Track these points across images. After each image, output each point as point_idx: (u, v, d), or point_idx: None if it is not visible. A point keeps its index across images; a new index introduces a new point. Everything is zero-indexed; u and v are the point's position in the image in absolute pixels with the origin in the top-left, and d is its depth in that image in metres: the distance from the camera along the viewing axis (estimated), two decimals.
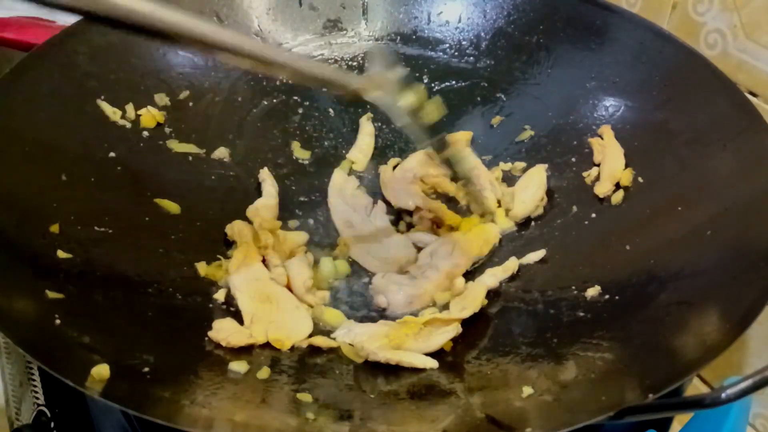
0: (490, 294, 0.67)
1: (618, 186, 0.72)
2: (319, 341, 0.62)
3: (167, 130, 0.77)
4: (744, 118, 0.67)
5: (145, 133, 0.75)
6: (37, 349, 0.49)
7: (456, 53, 0.86)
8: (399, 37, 0.88)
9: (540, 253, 0.70)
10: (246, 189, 0.77)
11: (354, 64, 0.87)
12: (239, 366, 0.57)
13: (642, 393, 0.48)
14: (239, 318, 0.62)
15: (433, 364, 0.59)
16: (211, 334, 0.59)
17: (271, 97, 0.84)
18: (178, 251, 0.67)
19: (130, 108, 0.75)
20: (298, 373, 0.58)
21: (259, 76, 0.84)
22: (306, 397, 0.54)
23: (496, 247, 0.73)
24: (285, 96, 0.84)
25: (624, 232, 0.68)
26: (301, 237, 0.73)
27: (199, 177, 0.75)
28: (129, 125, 0.74)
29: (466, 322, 0.63)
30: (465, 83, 0.86)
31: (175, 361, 0.55)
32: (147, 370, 0.52)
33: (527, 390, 0.54)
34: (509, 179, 0.79)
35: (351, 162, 0.82)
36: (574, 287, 0.65)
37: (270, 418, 0.53)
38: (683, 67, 0.74)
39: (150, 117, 0.76)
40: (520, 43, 0.84)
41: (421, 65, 0.87)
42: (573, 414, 0.50)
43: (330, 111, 0.85)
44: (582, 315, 0.62)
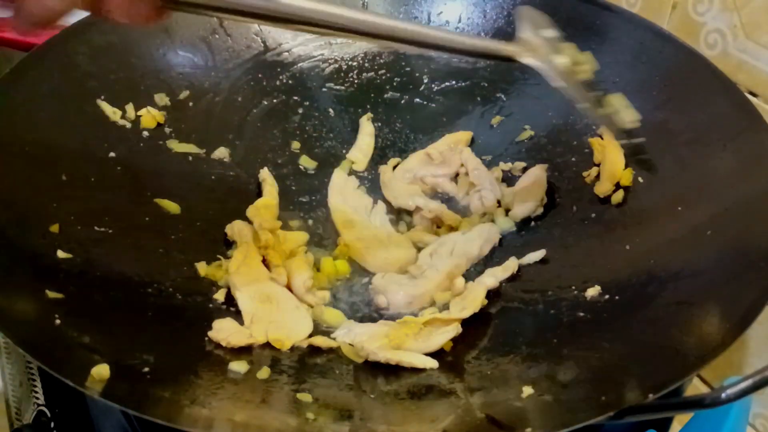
0: (490, 294, 0.67)
1: (618, 186, 0.72)
2: (319, 341, 0.62)
3: (167, 130, 0.77)
4: (744, 118, 0.67)
5: (145, 133, 0.75)
6: (37, 349, 0.49)
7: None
8: None
9: (540, 253, 0.70)
10: (246, 189, 0.76)
11: (354, 64, 0.87)
12: (239, 366, 0.57)
13: (642, 393, 0.47)
14: (239, 318, 0.62)
15: (433, 364, 0.59)
16: (211, 334, 0.60)
17: (271, 97, 0.84)
18: (178, 251, 0.67)
19: (130, 108, 0.75)
20: (298, 373, 0.58)
21: (259, 76, 0.84)
22: (306, 397, 0.54)
23: (496, 247, 0.73)
24: (285, 96, 0.84)
25: (624, 232, 0.68)
26: (301, 237, 0.73)
27: (199, 177, 0.75)
28: (129, 125, 0.74)
29: (466, 322, 0.63)
30: (465, 83, 0.86)
31: (175, 361, 0.55)
32: (147, 370, 0.52)
33: (527, 390, 0.54)
34: (509, 179, 0.79)
35: (351, 162, 0.82)
36: (574, 287, 0.65)
37: (270, 418, 0.53)
38: (683, 67, 0.74)
39: (150, 117, 0.76)
40: None
41: (421, 65, 0.87)
42: (573, 414, 0.50)
43: (330, 111, 0.85)
44: (582, 315, 0.62)
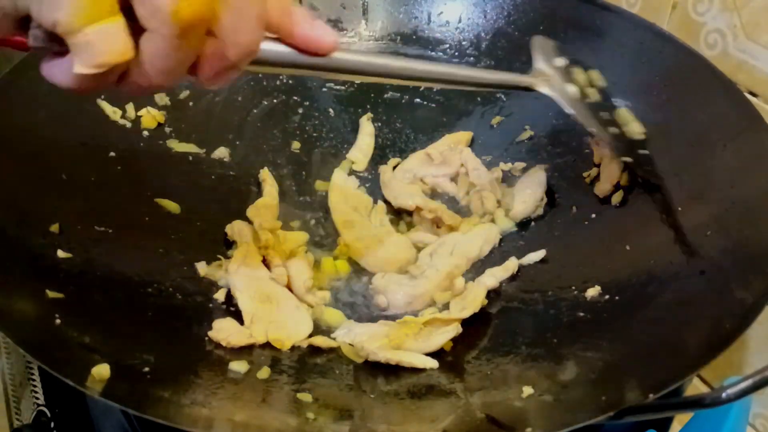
0: (490, 294, 0.67)
1: (618, 186, 0.72)
2: (319, 341, 0.62)
3: (167, 129, 0.77)
4: (744, 118, 0.67)
5: (145, 133, 0.75)
6: (37, 349, 0.49)
7: (456, 53, 0.86)
8: (399, 38, 0.88)
9: (540, 253, 0.70)
10: (246, 189, 0.76)
11: None
12: (239, 366, 0.57)
13: (642, 393, 0.47)
14: (239, 318, 0.62)
15: (433, 364, 0.59)
16: (211, 334, 0.60)
17: (271, 97, 0.84)
18: (178, 251, 0.67)
19: (130, 107, 0.75)
20: (298, 373, 0.58)
21: (259, 76, 0.84)
22: (306, 397, 0.54)
23: (496, 247, 0.73)
24: (285, 96, 0.84)
25: (624, 232, 0.68)
26: (301, 237, 0.73)
27: (199, 177, 0.75)
28: (129, 125, 0.75)
29: (466, 322, 0.63)
30: None
31: (175, 361, 0.55)
32: (147, 370, 0.52)
33: (527, 390, 0.54)
34: (509, 179, 0.79)
35: (351, 162, 0.82)
36: (574, 287, 0.65)
37: (270, 418, 0.53)
38: (683, 67, 0.74)
39: (150, 118, 0.76)
40: (520, 43, 0.84)
41: None
42: (573, 414, 0.50)
43: (330, 111, 0.85)
44: (582, 315, 0.62)
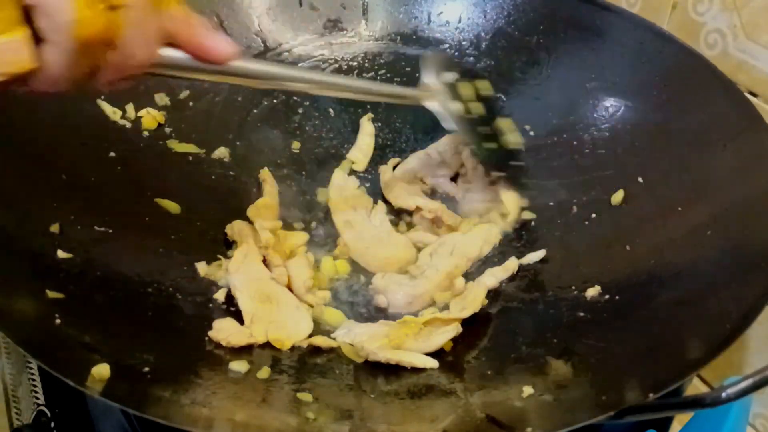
0: (490, 294, 0.67)
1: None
2: (319, 341, 0.62)
3: (167, 130, 0.77)
4: (744, 118, 0.67)
5: (145, 133, 0.75)
6: (37, 349, 0.49)
7: (456, 53, 0.86)
8: (399, 37, 0.88)
9: (540, 253, 0.70)
10: (246, 189, 0.76)
11: (354, 64, 0.87)
12: (239, 366, 0.57)
13: (642, 393, 0.47)
14: (239, 318, 0.62)
15: (433, 364, 0.59)
16: (211, 334, 0.60)
17: (271, 97, 0.84)
18: (178, 251, 0.67)
19: (130, 108, 0.75)
20: (298, 373, 0.58)
21: None
22: (306, 397, 0.54)
23: (496, 247, 0.73)
24: (285, 96, 0.84)
25: (624, 232, 0.68)
26: (301, 237, 0.73)
27: (199, 177, 0.75)
28: (129, 125, 0.75)
29: (466, 322, 0.63)
30: None
31: (175, 361, 0.55)
32: (147, 369, 0.52)
33: (527, 390, 0.54)
34: None
35: (351, 162, 0.82)
36: (574, 287, 0.65)
37: (270, 417, 0.53)
38: (683, 67, 0.74)
39: (151, 118, 0.76)
40: (520, 44, 0.84)
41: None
42: (573, 414, 0.50)
43: (330, 111, 0.85)
44: (582, 315, 0.62)
